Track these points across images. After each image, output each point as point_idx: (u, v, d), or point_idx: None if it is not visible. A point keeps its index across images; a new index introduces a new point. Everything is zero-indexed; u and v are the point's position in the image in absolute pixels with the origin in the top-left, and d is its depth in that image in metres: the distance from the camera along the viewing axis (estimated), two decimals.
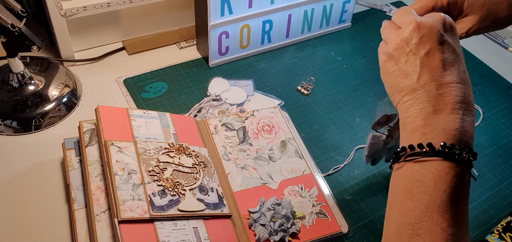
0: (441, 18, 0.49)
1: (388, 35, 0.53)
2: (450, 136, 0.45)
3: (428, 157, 0.45)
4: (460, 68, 0.48)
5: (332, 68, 1.00)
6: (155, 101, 0.86)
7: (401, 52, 0.49)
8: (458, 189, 0.44)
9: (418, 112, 0.47)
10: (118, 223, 0.57)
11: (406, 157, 0.46)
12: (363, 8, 1.21)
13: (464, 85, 0.47)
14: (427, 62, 0.47)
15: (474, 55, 1.08)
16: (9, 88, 0.80)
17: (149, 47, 0.98)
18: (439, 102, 0.46)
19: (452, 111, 0.46)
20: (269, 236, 0.64)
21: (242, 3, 0.90)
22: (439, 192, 0.43)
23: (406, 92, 0.49)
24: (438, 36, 0.48)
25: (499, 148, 0.85)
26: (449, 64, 0.47)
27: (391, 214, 0.47)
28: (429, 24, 0.48)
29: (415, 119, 0.47)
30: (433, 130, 0.45)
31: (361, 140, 0.83)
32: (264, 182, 0.72)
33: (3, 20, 0.70)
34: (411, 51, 0.48)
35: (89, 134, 0.69)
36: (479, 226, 0.72)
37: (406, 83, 0.49)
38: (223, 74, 0.94)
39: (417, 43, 0.48)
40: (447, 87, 0.46)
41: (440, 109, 0.46)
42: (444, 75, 0.47)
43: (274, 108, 0.86)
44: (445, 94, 0.46)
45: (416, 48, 0.48)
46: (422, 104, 0.47)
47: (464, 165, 0.44)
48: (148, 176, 0.63)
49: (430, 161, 0.44)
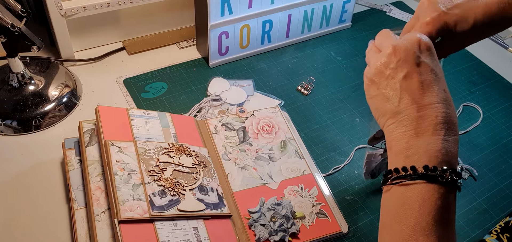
0: (416, 40, 0.49)
1: (369, 58, 0.53)
2: (432, 158, 0.45)
3: (412, 180, 0.45)
4: (440, 87, 0.48)
5: (332, 68, 1.00)
6: (155, 101, 0.86)
7: (381, 77, 0.50)
8: (443, 210, 0.44)
9: (401, 135, 0.48)
10: (118, 223, 0.57)
11: (393, 180, 0.47)
12: (363, 8, 1.21)
13: (444, 105, 0.47)
14: (406, 86, 0.48)
15: (474, 55, 1.08)
16: (9, 88, 0.80)
17: (149, 47, 0.98)
18: (420, 124, 0.47)
19: (433, 133, 0.46)
20: (269, 236, 0.64)
21: (242, 3, 0.90)
22: (423, 215, 0.44)
23: (389, 115, 0.49)
24: (415, 58, 0.48)
25: (499, 148, 0.85)
26: (428, 85, 0.47)
27: (382, 236, 0.49)
28: (404, 47, 0.49)
29: (399, 143, 0.48)
30: (415, 153, 0.46)
31: (361, 140, 0.83)
32: (264, 182, 0.72)
33: (3, 20, 0.70)
34: (390, 75, 0.49)
35: (89, 134, 0.69)
36: (479, 226, 0.72)
37: (388, 107, 0.49)
38: (223, 74, 0.94)
39: (395, 67, 0.49)
40: (427, 109, 0.47)
41: (421, 132, 0.46)
42: (424, 97, 0.47)
43: (274, 108, 0.86)
44: (426, 116, 0.47)
45: (394, 72, 0.49)
46: (404, 128, 0.47)
47: (448, 185, 0.45)
48: (148, 176, 0.63)
49: (414, 184, 0.45)
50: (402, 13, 1.20)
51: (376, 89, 0.51)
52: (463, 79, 1.01)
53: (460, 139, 0.86)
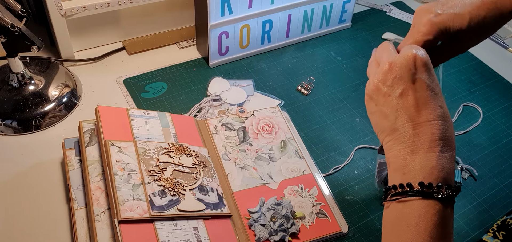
0: (412, 56, 0.49)
1: (369, 72, 0.54)
2: (427, 175, 0.46)
3: (408, 196, 0.46)
4: (436, 103, 0.48)
5: (332, 68, 1.00)
6: (155, 101, 0.86)
7: (378, 94, 0.51)
8: (440, 226, 0.45)
9: (398, 153, 0.48)
10: (118, 223, 0.57)
11: (391, 197, 0.48)
12: (363, 8, 1.21)
13: (440, 122, 0.47)
14: (402, 103, 0.48)
15: (474, 55, 1.08)
16: (9, 88, 0.80)
17: (149, 47, 0.98)
18: (416, 142, 0.47)
19: (429, 150, 0.46)
20: (269, 236, 0.64)
21: (242, 3, 0.90)
22: (420, 231, 0.45)
23: (387, 132, 0.50)
24: (410, 76, 0.48)
25: (499, 148, 0.85)
26: (424, 102, 0.48)
27: None
28: (400, 64, 0.49)
29: (396, 160, 0.49)
30: (411, 170, 0.47)
31: (361, 140, 0.83)
32: (264, 182, 0.72)
33: (3, 20, 0.70)
34: (386, 93, 0.50)
35: (89, 134, 0.69)
36: (479, 226, 0.72)
37: (386, 124, 0.50)
38: (223, 74, 0.94)
39: (391, 84, 0.49)
40: (423, 126, 0.47)
41: (417, 149, 0.47)
42: (420, 115, 0.48)
43: (274, 108, 0.86)
44: (421, 134, 0.47)
45: (390, 90, 0.49)
46: (401, 145, 0.48)
47: (444, 201, 0.45)
48: (148, 176, 0.63)
49: (411, 201, 0.46)
50: (402, 13, 1.20)
51: (374, 106, 0.51)
52: (463, 79, 1.01)
53: (460, 139, 0.86)
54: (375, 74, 0.51)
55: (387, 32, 1.12)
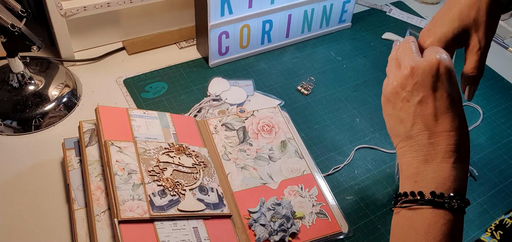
0: (436, 62, 0.47)
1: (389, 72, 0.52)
2: (439, 185, 0.46)
3: (419, 205, 0.46)
4: (455, 113, 0.47)
5: (332, 68, 1.00)
6: (155, 101, 0.86)
7: (396, 98, 0.49)
8: (449, 235, 0.45)
9: (411, 160, 0.48)
10: (118, 223, 0.57)
11: (402, 203, 0.47)
12: (363, 8, 1.21)
13: (457, 132, 0.47)
14: (420, 111, 0.47)
15: None
16: (9, 88, 0.80)
17: (149, 47, 0.98)
18: (430, 151, 0.47)
19: (442, 160, 0.46)
20: (269, 236, 0.64)
21: (242, 3, 0.90)
22: (429, 240, 0.45)
23: (401, 138, 0.49)
24: (431, 84, 0.47)
25: (499, 148, 0.85)
26: (442, 112, 0.47)
27: None
28: (422, 70, 0.47)
29: (408, 167, 0.48)
30: (423, 179, 0.46)
31: (361, 140, 0.83)
32: (264, 182, 0.72)
33: (3, 20, 0.70)
34: (405, 98, 0.48)
35: (89, 134, 0.69)
36: (479, 226, 0.72)
37: (401, 130, 0.49)
38: (223, 74, 0.94)
39: (411, 90, 0.48)
40: (439, 136, 0.47)
41: (431, 158, 0.47)
42: (437, 125, 0.47)
43: (274, 108, 0.86)
44: (437, 144, 0.47)
45: (410, 95, 0.48)
46: (414, 153, 0.48)
47: (455, 212, 0.45)
48: (148, 176, 0.63)
49: (421, 209, 0.46)
50: (402, 13, 1.20)
51: (391, 109, 0.50)
52: None
53: None
54: (395, 77, 0.49)
55: (387, 32, 1.12)
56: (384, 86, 0.52)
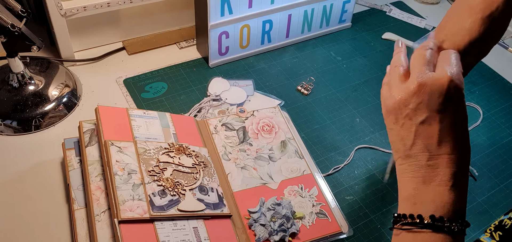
0: (446, 81, 0.44)
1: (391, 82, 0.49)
2: (438, 208, 0.44)
3: (419, 228, 0.45)
4: (458, 134, 0.45)
5: (332, 68, 1.00)
6: (155, 101, 0.86)
7: (398, 114, 0.47)
8: None
9: (409, 181, 0.47)
10: (118, 223, 0.57)
11: (402, 225, 0.46)
12: (363, 8, 1.21)
13: (458, 156, 0.45)
14: (422, 131, 0.45)
15: None
16: (9, 88, 0.80)
17: (149, 47, 0.98)
18: (429, 173, 0.45)
19: (440, 183, 0.45)
20: (269, 236, 0.64)
21: (242, 3, 0.90)
22: None
23: (400, 155, 0.48)
24: (438, 105, 0.44)
25: (499, 148, 0.85)
26: (446, 134, 0.44)
27: None
28: (430, 89, 0.44)
29: (406, 187, 0.47)
30: (422, 201, 0.45)
31: (361, 140, 0.83)
32: (264, 182, 0.72)
33: (3, 20, 0.70)
34: (407, 115, 0.46)
35: (89, 134, 0.69)
36: (479, 226, 0.72)
37: (400, 147, 0.48)
38: (223, 74, 0.94)
39: (414, 109, 0.45)
40: (439, 158, 0.45)
41: (430, 180, 0.45)
42: (439, 148, 0.45)
43: (274, 108, 0.86)
44: (436, 165, 0.45)
45: (412, 114, 0.45)
46: (413, 173, 0.46)
47: (455, 235, 0.44)
48: (148, 176, 0.63)
49: (421, 233, 0.45)
50: (402, 13, 1.20)
51: (392, 123, 0.48)
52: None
53: None
54: (399, 90, 0.47)
55: (387, 32, 1.12)
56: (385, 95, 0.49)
